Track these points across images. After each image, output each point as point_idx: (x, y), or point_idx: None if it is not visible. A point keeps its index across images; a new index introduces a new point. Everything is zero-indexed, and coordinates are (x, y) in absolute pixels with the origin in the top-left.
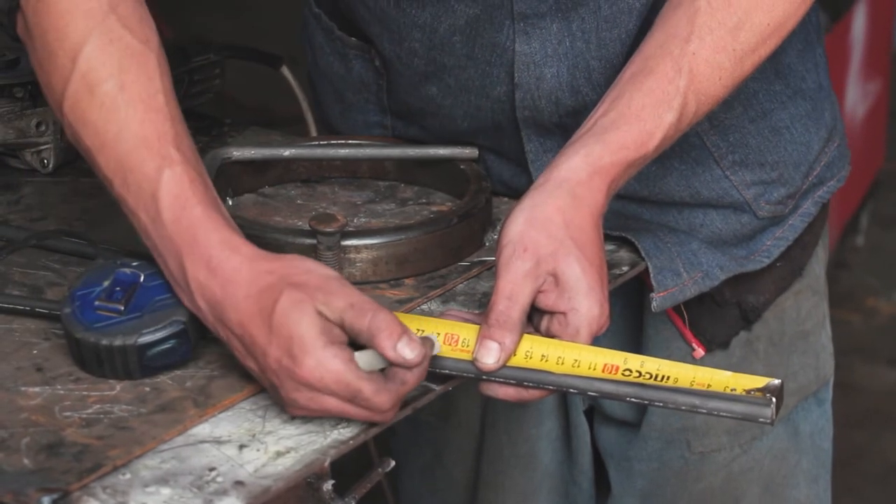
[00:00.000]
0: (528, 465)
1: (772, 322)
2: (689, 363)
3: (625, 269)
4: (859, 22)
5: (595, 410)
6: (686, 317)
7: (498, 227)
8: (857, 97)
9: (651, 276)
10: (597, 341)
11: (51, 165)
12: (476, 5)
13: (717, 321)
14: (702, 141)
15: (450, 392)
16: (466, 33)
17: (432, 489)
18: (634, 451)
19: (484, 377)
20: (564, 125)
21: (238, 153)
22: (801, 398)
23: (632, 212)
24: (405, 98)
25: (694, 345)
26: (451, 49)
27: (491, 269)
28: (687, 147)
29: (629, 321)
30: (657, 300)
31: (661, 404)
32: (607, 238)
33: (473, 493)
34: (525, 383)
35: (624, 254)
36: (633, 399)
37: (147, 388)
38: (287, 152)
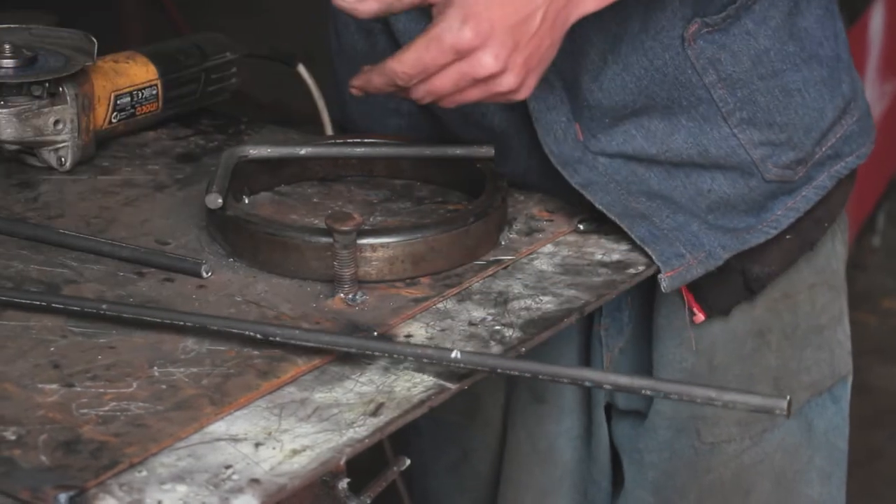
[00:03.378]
0: (547, 462)
1: (785, 314)
2: (703, 357)
3: (640, 268)
4: (876, 23)
5: (612, 406)
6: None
7: (514, 226)
8: (874, 98)
9: (654, 259)
10: (611, 339)
11: (68, 163)
12: None
13: (718, 288)
14: (709, 94)
15: (474, 391)
16: None
17: (460, 487)
18: (644, 441)
19: (499, 370)
20: (564, 77)
21: (254, 152)
22: (815, 393)
23: (640, 176)
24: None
25: (695, 309)
26: None
27: (507, 269)
28: (695, 101)
29: (642, 310)
30: (666, 280)
31: (676, 397)
32: (616, 231)
33: (498, 489)
34: (540, 376)
35: (639, 253)
36: (648, 391)
37: (163, 386)
38: (303, 151)
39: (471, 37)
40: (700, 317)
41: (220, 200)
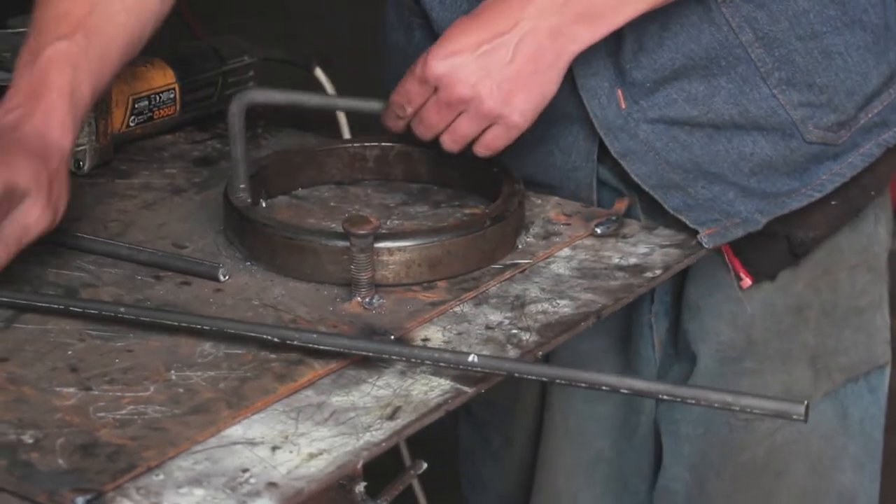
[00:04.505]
0: (576, 442)
1: (825, 292)
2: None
3: (658, 272)
4: None
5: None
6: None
7: (531, 230)
8: None
9: (689, 223)
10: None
11: (86, 167)
12: None
13: (763, 253)
14: (747, 54)
15: (514, 376)
16: None
17: (504, 472)
18: (681, 411)
19: (516, 374)
20: (607, 40)
21: (261, 96)
22: (850, 377)
23: (682, 142)
24: None
25: (741, 274)
26: None
27: (524, 272)
28: (733, 61)
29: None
30: (706, 238)
31: (693, 401)
32: (633, 235)
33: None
34: (557, 381)
35: (656, 257)
36: (665, 397)
37: (181, 390)
38: (312, 101)
39: (434, 65)
40: (747, 281)
41: (248, 199)
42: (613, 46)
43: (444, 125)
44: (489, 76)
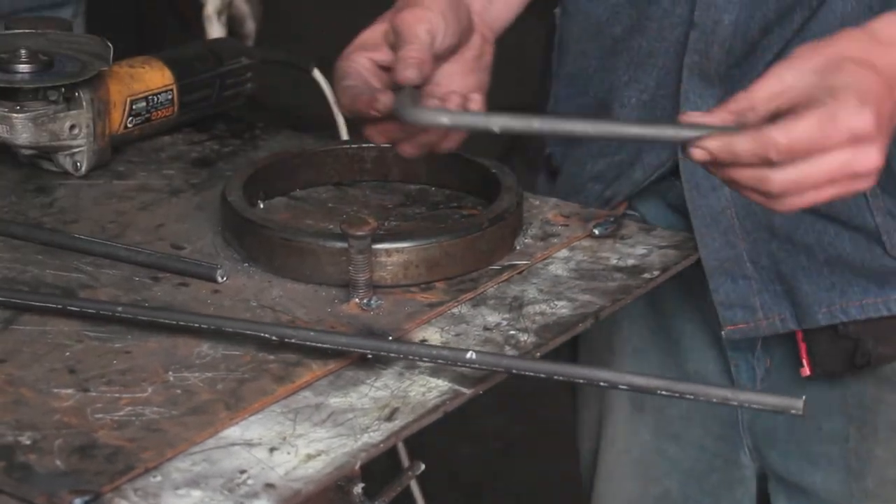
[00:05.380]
0: (643, 477)
1: None
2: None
3: (656, 273)
4: None
5: (770, 477)
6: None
7: (529, 231)
8: None
9: (716, 307)
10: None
11: (83, 168)
12: None
13: (828, 348)
14: None
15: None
16: None
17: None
18: None
19: (514, 371)
20: (730, 76)
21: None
22: None
23: (767, 210)
24: (575, 65)
25: (804, 361)
26: None
27: (522, 273)
28: None
29: None
30: (727, 332)
31: (692, 397)
32: (631, 236)
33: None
34: (555, 376)
35: (654, 258)
36: (664, 392)
37: (178, 391)
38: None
39: (871, 123)
40: (806, 370)
41: None
42: (736, 80)
43: (820, 186)
44: (886, 145)
